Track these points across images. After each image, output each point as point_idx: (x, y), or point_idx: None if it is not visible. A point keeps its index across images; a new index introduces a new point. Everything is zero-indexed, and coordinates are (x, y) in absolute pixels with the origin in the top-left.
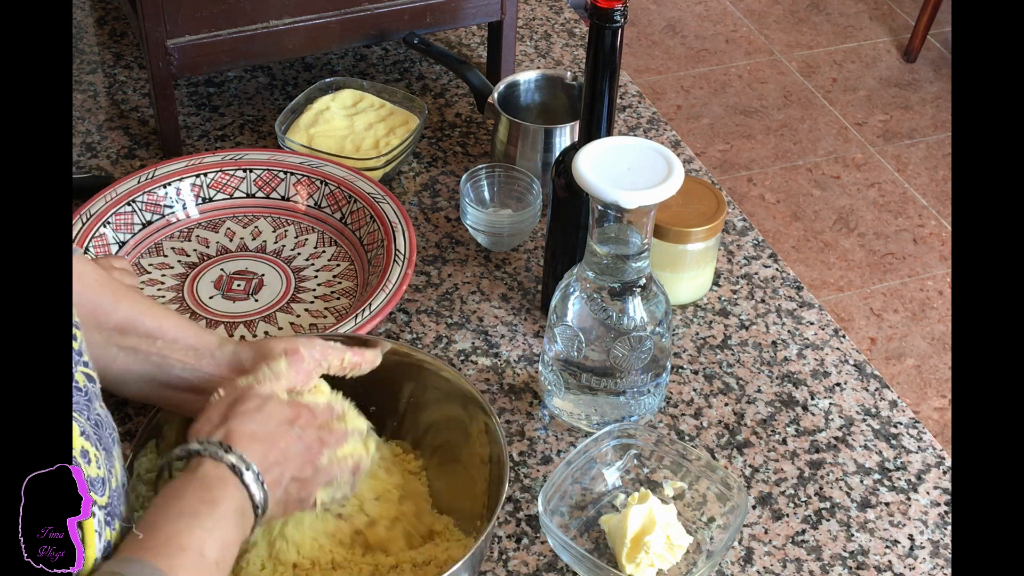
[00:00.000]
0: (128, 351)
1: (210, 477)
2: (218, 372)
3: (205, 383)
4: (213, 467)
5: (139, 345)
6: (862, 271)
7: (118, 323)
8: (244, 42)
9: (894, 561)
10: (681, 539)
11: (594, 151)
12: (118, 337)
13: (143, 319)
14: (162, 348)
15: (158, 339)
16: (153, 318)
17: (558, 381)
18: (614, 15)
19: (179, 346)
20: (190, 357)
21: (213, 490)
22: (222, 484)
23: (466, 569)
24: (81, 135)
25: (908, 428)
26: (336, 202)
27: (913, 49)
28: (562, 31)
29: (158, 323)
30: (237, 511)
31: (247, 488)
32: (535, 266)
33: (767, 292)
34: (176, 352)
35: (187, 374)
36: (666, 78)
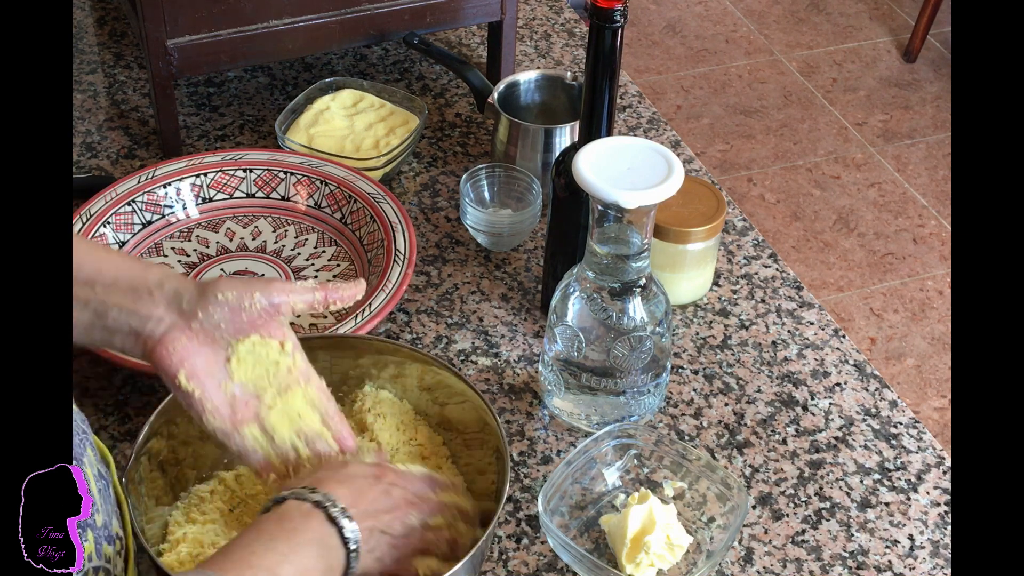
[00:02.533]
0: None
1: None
2: (156, 312)
3: (141, 324)
4: (296, 505)
5: (77, 293)
6: (862, 271)
7: None
8: (244, 42)
9: (894, 561)
10: (681, 539)
11: (594, 151)
12: None
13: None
14: (100, 292)
15: (96, 283)
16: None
17: (558, 381)
18: (614, 15)
19: (117, 288)
20: (128, 300)
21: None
22: (304, 517)
23: (466, 569)
24: (81, 135)
25: (908, 428)
26: (336, 202)
27: (913, 49)
28: (562, 31)
29: (95, 266)
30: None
31: (334, 521)
32: (535, 266)
33: (767, 292)
34: (114, 296)
35: (124, 317)
36: (666, 78)
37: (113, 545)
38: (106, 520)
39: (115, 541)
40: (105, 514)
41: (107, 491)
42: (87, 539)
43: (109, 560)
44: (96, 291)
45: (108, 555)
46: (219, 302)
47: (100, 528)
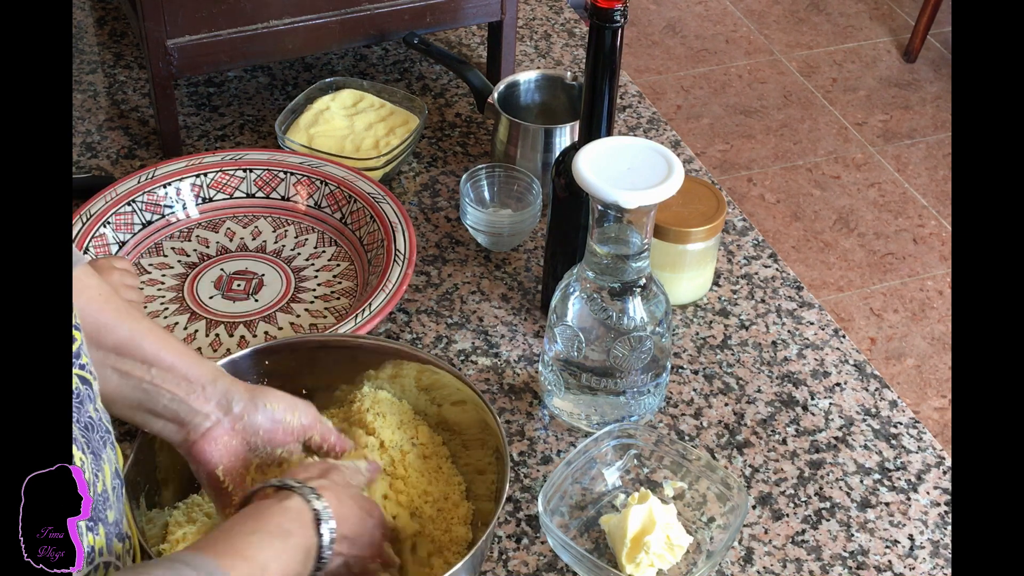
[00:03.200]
0: (122, 375)
1: (293, 511)
2: (206, 408)
3: (190, 416)
4: (300, 504)
5: (133, 370)
6: (862, 271)
7: (117, 344)
8: (244, 42)
9: (894, 561)
10: (681, 539)
11: (594, 151)
12: (114, 359)
13: (142, 343)
14: (155, 377)
15: (154, 366)
16: (152, 343)
17: (558, 381)
18: (614, 15)
19: (173, 376)
20: (181, 389)
21: (292, 522)
22: (301, 521)
23: (466, 569)
24: (81, 135)
25: (908, 428)
26: (336, 202)
27: (913, 49)
28: (562, 31)
29: (156, 349)
30: (304, 550)
31: (321, 537)
32: (535, 266)
33: (767, 292)
34: (168, 382)
35: (174, 405)
36: (666, 78)
37: (124, 543)
38: (118, 518)
39: (125, 539)
40: (118, 512)
41: (120, 491)
42: (98, 533)
43: (119, 556)
44: (152, 374)
45: (119, 552)
46: (265, 411)
47: (111, 524)
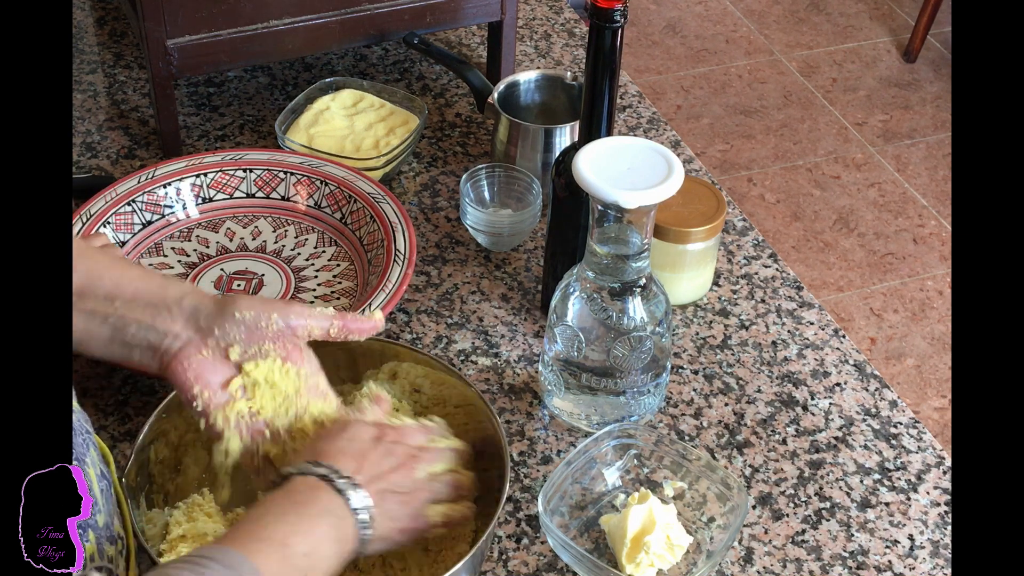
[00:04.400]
0: (87, 314)
1: (299, 486)
2: (174, 328)
3: (159, 339)
4: (303, 480)
5: (97, 307)
6: (862, 271)
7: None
8: (244, 42)
9: (894, 561)
10: (681, 539)
11: (594, 151)
12: (76, 301)
13: (100, 279)
14: (120, 308)
15: (116, 298)
16: (111, 276)
17: (558, 381)
18: (614, 15)
19: (137, 304)
20: (147, 315)
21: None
22: (312, 491)
23: (466, 569)
24: (81, 135)
25: (908, 428)
26: (336, 202)
27: (913, 49)
28: (562, 31)
29: (115, 281)
30: (327, 513)
31: (341, 492)
32: (535, 266)
33: (767, 292)
34: (133, 311)
35: (143, 332)
36: (666, 78)
37: (115, 545)
38: (108, 520)
39: (116, 541)
40: (107, 514)
41: (108, 491)
42: (88, 539)
43: (111, 560)
44: (116, 306)
45: (110, 555)
46: (236, 320)
47: (101, 528)
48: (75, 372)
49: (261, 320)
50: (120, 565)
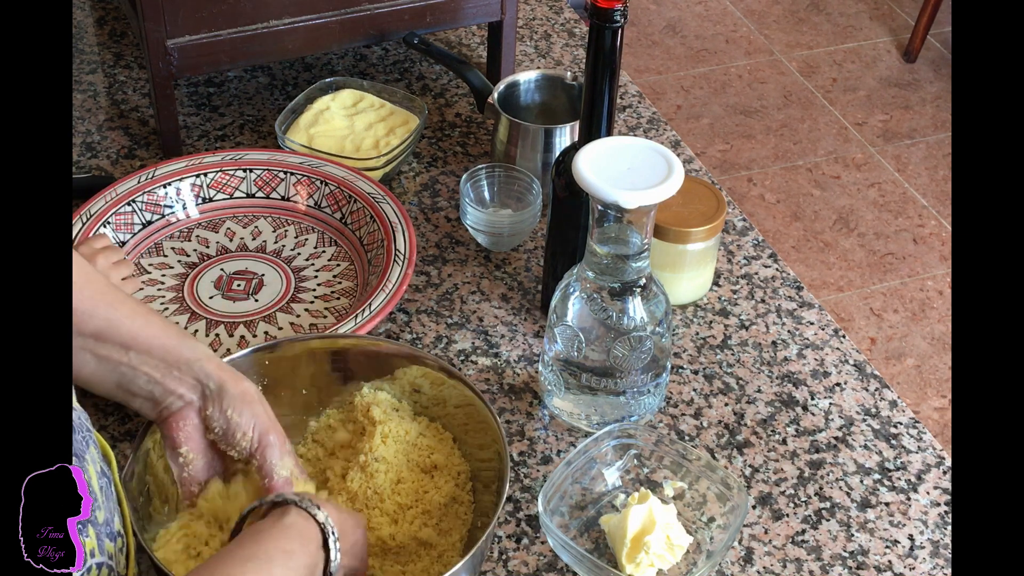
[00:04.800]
0: (100, 359)
1: (295, 528)
2: (179, 389)
3: (164, 396)
4: (302, 519)
5: (111, 354)
6: (862, 271)
7: (94, 330)
8: (244, 42)
9: (894, 561)
10: (681, 539)
11: (594, 151)
12: (92, 344)
13: (118, 327)
14: (133, 360)
15: (131, 349)
16: (129, 326)
17: (558, 381)
18: (614, 15)
19: (150, 359)
20: (158, 371)
21: (293, 540)
22: (303, 538)
23: (466, 569)
24: (81, 135)
25: (908, 428)
26: (336, 202)
27: (913, 49)
28: (562, 31)
29: (133, 333)
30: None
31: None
32: (535, 266)
33: (767, 292)
34: (145, 365)
35: (150, 386)
36: (666, 78)
37: (115, 542)
38: (108, 517)
39: (116, 538)
40: (107, 511)
41: (109, 488)
42: (88, 535)
43: (111, 557)
44: (129, 357)
45: (111, 551)
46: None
47: (102, 525)
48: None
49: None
50: (120, 562)
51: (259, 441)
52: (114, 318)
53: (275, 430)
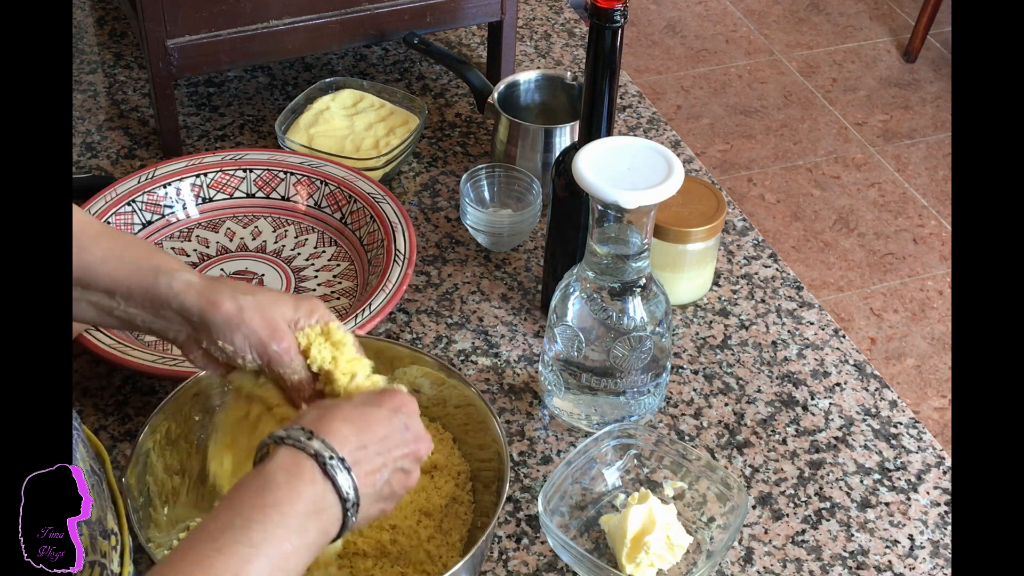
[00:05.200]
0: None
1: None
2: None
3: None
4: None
5: (101, 301)
6: (862, 271)
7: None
8: (244, 42)
9: (894, 561)
10: (681, 539)
11: (594, 151)
12: (80, 292)
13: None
14: (121, 304)
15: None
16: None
17: (558, 381)
18: (614, 15)
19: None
20: (147, 314)
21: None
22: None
23: (466, 569)
24: (81, 135)
25: (908, 428)
26: (336, 202)
27: (913, 49)
28: (562, 31)
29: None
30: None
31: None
32: (535, 266)
33: (767, 292)
34: (133, 307)
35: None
36: (666, 78)
37: (108, 540)
38: (100, 515)
39: (110, 536)
40: (99, 509)
41: (100, 487)
42: (82, 533)
43: (104, 555)
44: (117, 302)
45: (104, 549)
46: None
47: (94, 523)
48: (75, 372)
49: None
50: (114, 560)
51: (260, 358)
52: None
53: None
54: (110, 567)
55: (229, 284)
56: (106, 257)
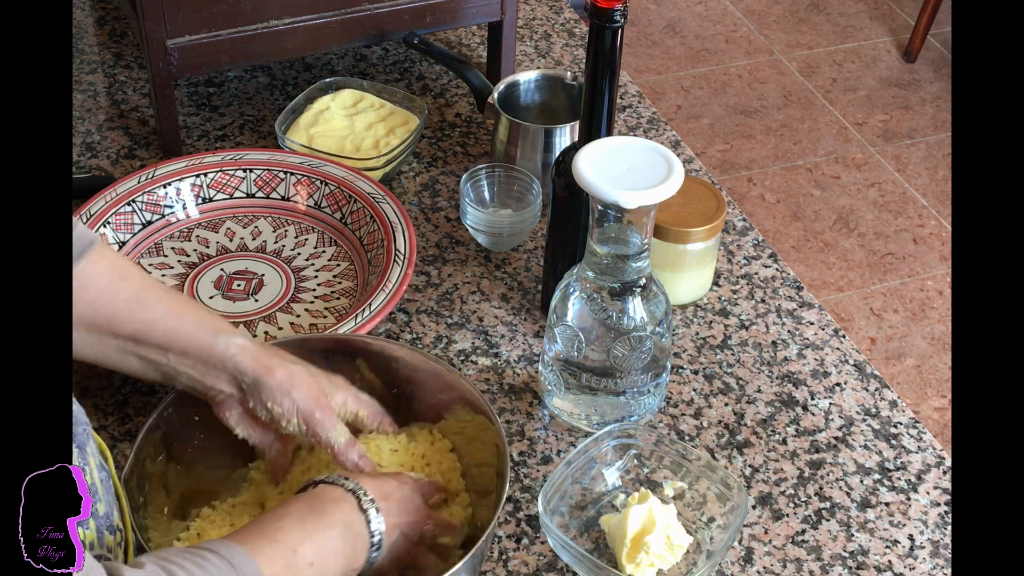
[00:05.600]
0: (143, 360)
1: (324, 495)
2: (219, 385)
3: (206, 391)
4: (329, 490)
5: (150, 355)
6: (862, 271)
7: (131, 333)
8: (244, 42)
9: (894, 561)
10: (681, 539)
11: (594, 151)
12: (132, 346)
13: (154, 330)
14: (171, 361)
15: (169, 351)
16: (164, 328)
17: (558, 381)
18: (614, 15)
19: (187, 359)
20: (196, 372)
21: (324, 503)
22: (335, 502)
23: (466, 569)
24: (81, 135)
25: (908, 428)
26: (336, 202)
27: (913, 49)
28: (562, 31)
29: (168, 335)
30: (345, 524)
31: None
32: (535, 266)
33: (767, 292)
34: (184, 365)
35: (192, 383)
36: (666, 78)
37: (114, 536)
38: (108, 511)
39: (116, 532)
40: (107, 504)
41: (108, 482)
42: (89, 527)
43: (110, 550)
44: (168, 359)
45: (110, 545)
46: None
47: (102, 518)
48: (75, 372)
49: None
50: (119, 556)
51: (306, 423)
52: (149, 320)
53: (319, 406)
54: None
55: (278, 352)
56: (167, 315)
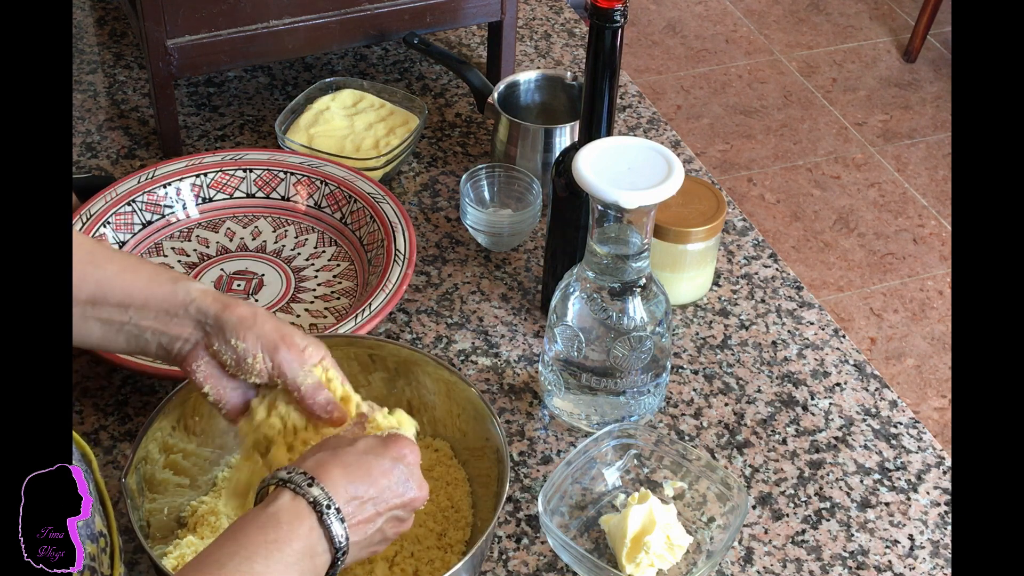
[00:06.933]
0: (102, 322)
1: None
2: (183, 333)
3: (173, 343)
4: (290, 501)
5: (111, 316)
6: (862, 271)
7: (89, 296)
8: (244, 42)
9: (894, 561)
10: (681, 539)
11: (594, 151)
12: (91, 309)
13: (111, 287)
14: (134, 317)
15: (128, 307)
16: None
17: (558, 381)
18: (614, 15)
19: (148, 311)
20: (159, 323)
21: (280, 529)
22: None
23: (466, 569)
24: (81, 135)
25: (908, 428)
26: (336, 202)
27: (913, 49)
28: (562, 31)
29: (126, 290)
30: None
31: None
32: (535, 266)
33: (767, 292)
34: (146, 319)
35: (157, 337)
36: (666, 78)
37: (96, 543)
38: (88, 518)
39: (98, 539)
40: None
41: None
42: None
43: (94, 558)
44: (129, 315)
45: (92, 552)
46: (231, 345)
47: (81, 527)
48: (75, 372)
49: (248, 357)
50: (104, 563)
51: (271, 359)
52: (105, 279)
53: (285, 342)
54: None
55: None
56: (122, 271)
